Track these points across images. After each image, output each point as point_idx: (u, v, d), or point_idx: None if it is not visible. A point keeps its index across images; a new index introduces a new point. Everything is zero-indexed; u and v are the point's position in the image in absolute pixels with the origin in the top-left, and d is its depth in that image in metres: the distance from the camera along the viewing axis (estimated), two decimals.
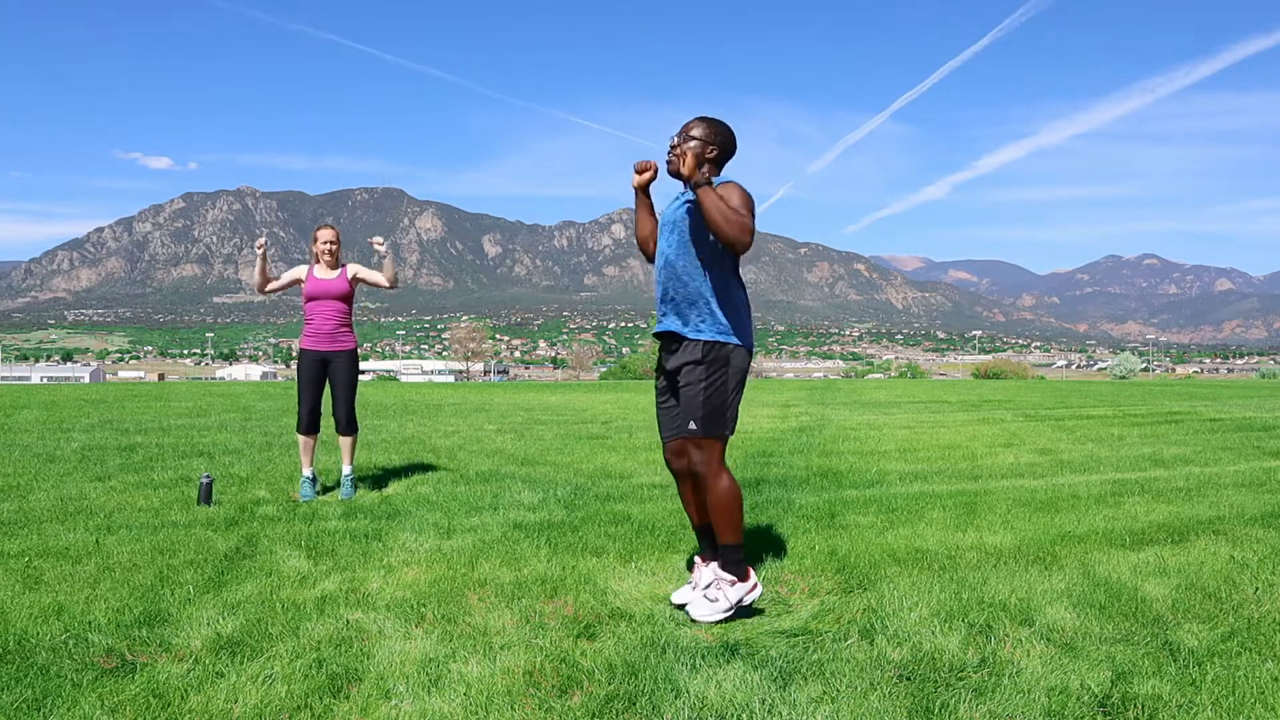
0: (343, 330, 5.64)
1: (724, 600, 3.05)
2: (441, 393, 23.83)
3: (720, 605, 3.05)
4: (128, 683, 2.46)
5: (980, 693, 2.42)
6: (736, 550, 3.11)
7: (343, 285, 5.61)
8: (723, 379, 3.11)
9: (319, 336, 5.57)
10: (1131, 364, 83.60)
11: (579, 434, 10.04)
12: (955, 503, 5.36)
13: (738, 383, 3.15)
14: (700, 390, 3.09)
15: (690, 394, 3.10)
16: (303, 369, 5.59)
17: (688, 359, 3.13)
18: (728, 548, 3.11)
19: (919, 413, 14.54)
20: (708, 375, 3.09)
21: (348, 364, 5.62)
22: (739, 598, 3.07)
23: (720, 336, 3.11)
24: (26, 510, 4.92)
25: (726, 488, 3.11)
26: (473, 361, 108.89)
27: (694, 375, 3.11)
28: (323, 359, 5.58)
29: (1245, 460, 7.69)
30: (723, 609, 3.05)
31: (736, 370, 3.14)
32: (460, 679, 2.50)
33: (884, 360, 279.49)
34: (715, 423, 3.10)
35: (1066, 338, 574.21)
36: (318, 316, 5.57)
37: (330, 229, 5.68)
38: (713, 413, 3.09)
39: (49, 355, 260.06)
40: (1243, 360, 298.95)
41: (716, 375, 3.10)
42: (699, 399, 3.08)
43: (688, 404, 3.11)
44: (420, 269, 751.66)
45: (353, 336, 5.72)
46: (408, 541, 4.21)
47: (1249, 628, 2.95)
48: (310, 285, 5.58)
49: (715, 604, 3.05)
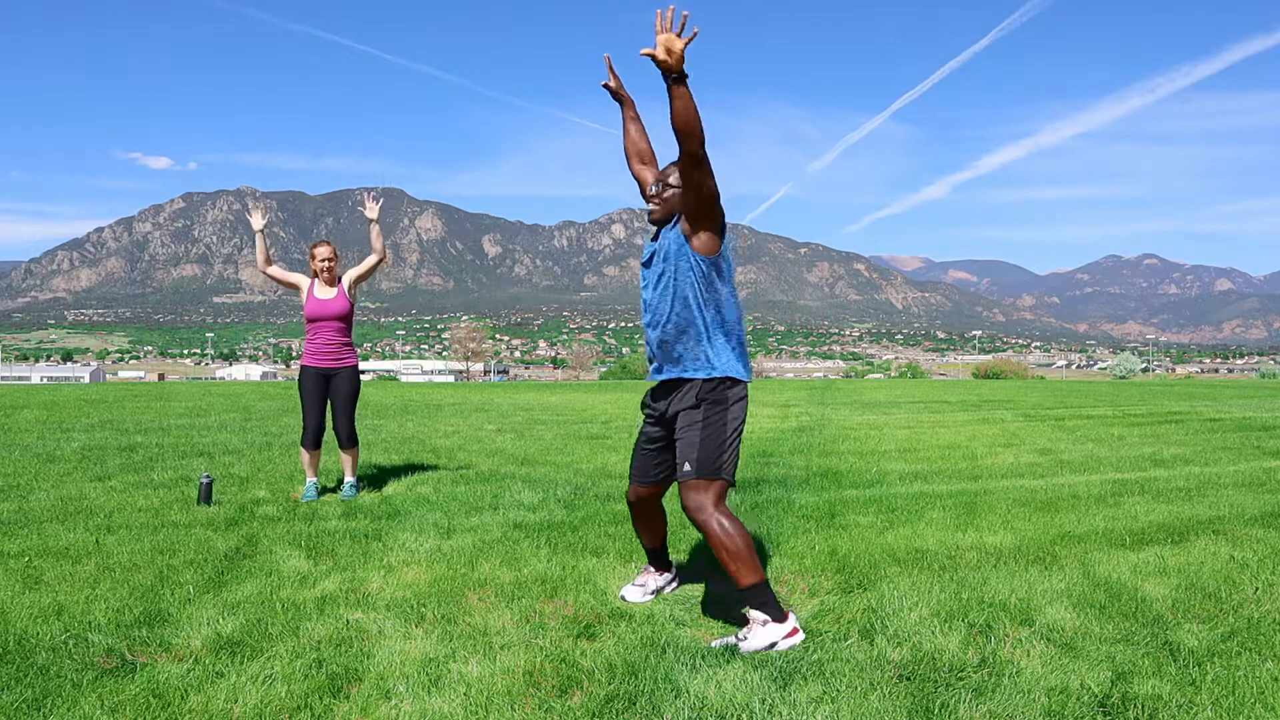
0: (345, 348, 5.68)
1: (757, 640, 2.80)
2: (441, 393, 23.83)
3: (750, 645, 2.79)
4: (128, 683, 2.46)
5: (980, 693, 2.42)
6: (761, 590, 2.86)
7: (343, 305, 5.61)
8: (720, 420, 2.98)
9: (322, 355, 5.60)
10: (1131, 364, 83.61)
11: (579, 434, 10.04)
12: (955, 503, 5.36)
13: (736, 425, 3.01)
14: (697, 431, 2.96)
15: (687, 436, 2.98)
16: (305, 386, 5.60)
17: (684, 405, 3.02)
18: (748, 591, 2.87)
19: (919, 413, 14.54)
20: (704, 416, 2.98)
21: (349, 380, 5.67)
22: (772, 641, 2.79)
23: (716, 374, 3.01)
24: (26, 510, 4.92)
25: (726, 529, 2.87)
26: (473, 361, 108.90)
27: (691, 418, 2.99)
28: (325, 375, 5.62)
29: (1245, 460, 7.69)
30: (753, 649, 2.78)
31: (735, 412, 3.01)
32: (460, 679, 2.50)
33: (884, 360, 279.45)
34: (711, 464, 2.93)
35: (1066, 338, 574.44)
36: (319, 337, 5.60)
37: (327, 245, 5.66)
38: (709, 454, 2.94)
39: (49, 355, 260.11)
40: (1243, 360, 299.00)
41: (714, 416, 2.98)
42: (695, 439, 2.96)
43: (684, 446, 2.97)
44: (420, 269, 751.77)
45: (354, 353, 5.76)
46: (408, 541, 4.21)
47: (1249, 628, 2.95)
48: (310, 306, 5.58)
49: (745, 644, 2.80)
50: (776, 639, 2.79)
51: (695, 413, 3.00)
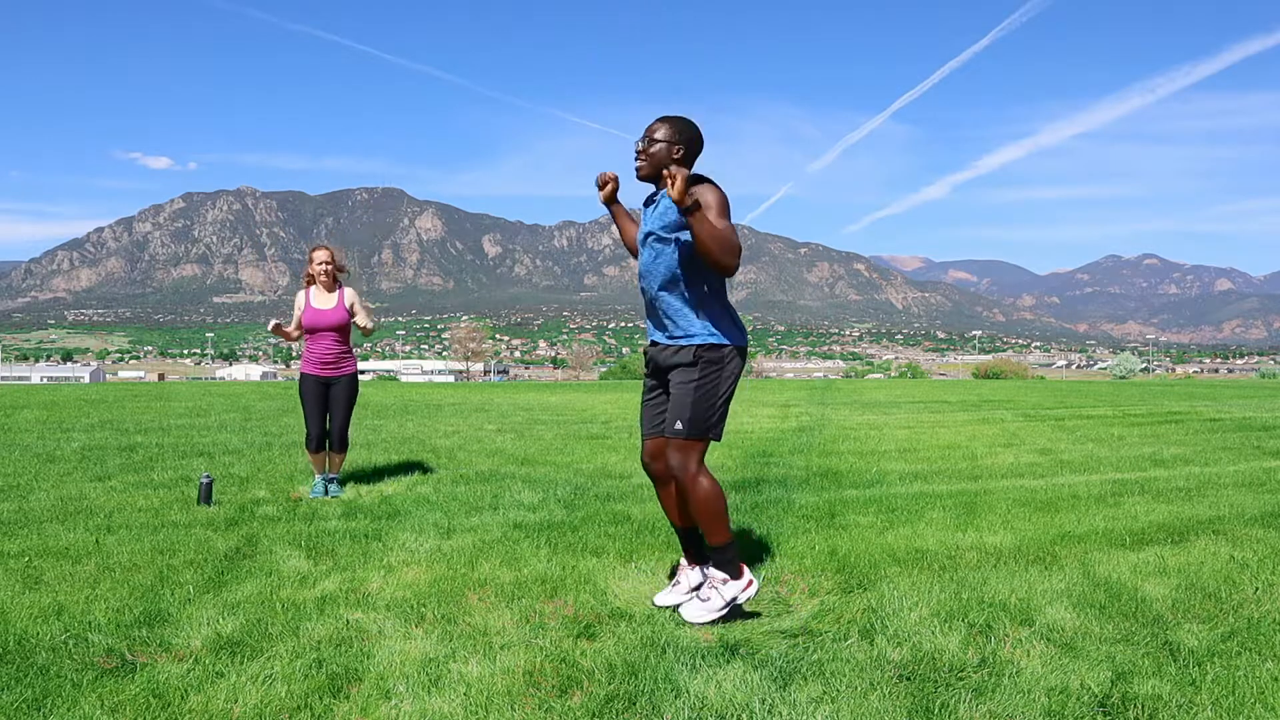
0: (344, 357, 5.66)
1: (717, 598, 3.01)
2: (441, 393, 23.83)
3: (714, 604, 3.01)
4: (128, 683, 2.46)
5: (980, 693, 2.42)
6: (727, 549, 3.04)
7: (340, 315, 5.59)
8: (715, 381, 3.05)
9: (322, 364, 5.60)
10: (1131, 364, 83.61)
11: (579, 434, 10.04)
12: (955, 503, 5.36)
13: (730, 385, 3.09)
14: (690, 390, 3.03)
15: (680, 393, 3.05)
16: (306, 393, 5.60)
17: (681, 361, 3.08)
18: (717, 549, 3.04)
19: (919, 413, 14.55)
20: (700, 376, 3.04)
21: (348, 386, 5.68)
22: (732, 596, 3.01)
23: (712, 339, 3.07)
24: (26, 510, 4.92)
25: (707, 489, 3.02)
26: (473, 361, 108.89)
27: (686, 376, 3.06)
28: (325, 382, 5.62)
29: (1245, 460, 7.69)
30: (716, 608, 3.01)
31: (730, 372, 3.09)
32: (460, 679, 2.50)
33: (884, 360, 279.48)
34: (701, 425, 3.02)
35: (1066, 338, 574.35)
36: (319, 346, 5.58)
37: (325, 249, 5.63)
38: (700, 415, 3.02)
39: (49, 355, 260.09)
40: (1243, 360, 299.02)
41: (709, 377, 3.04)
42: (688, 399, 3.02)
43: (676, 403, 3.05)
44: (420, 269, 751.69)
45: (353, 360, 5.76)
46: (408, 541, 4.21)
47: (1249, 628, 2.95)
48: (308, 316, 5.56)
49: (708, 603, 3.01)
50: (737, 593, 3.01)
51: (691, 370, 3.05)
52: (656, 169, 3.10)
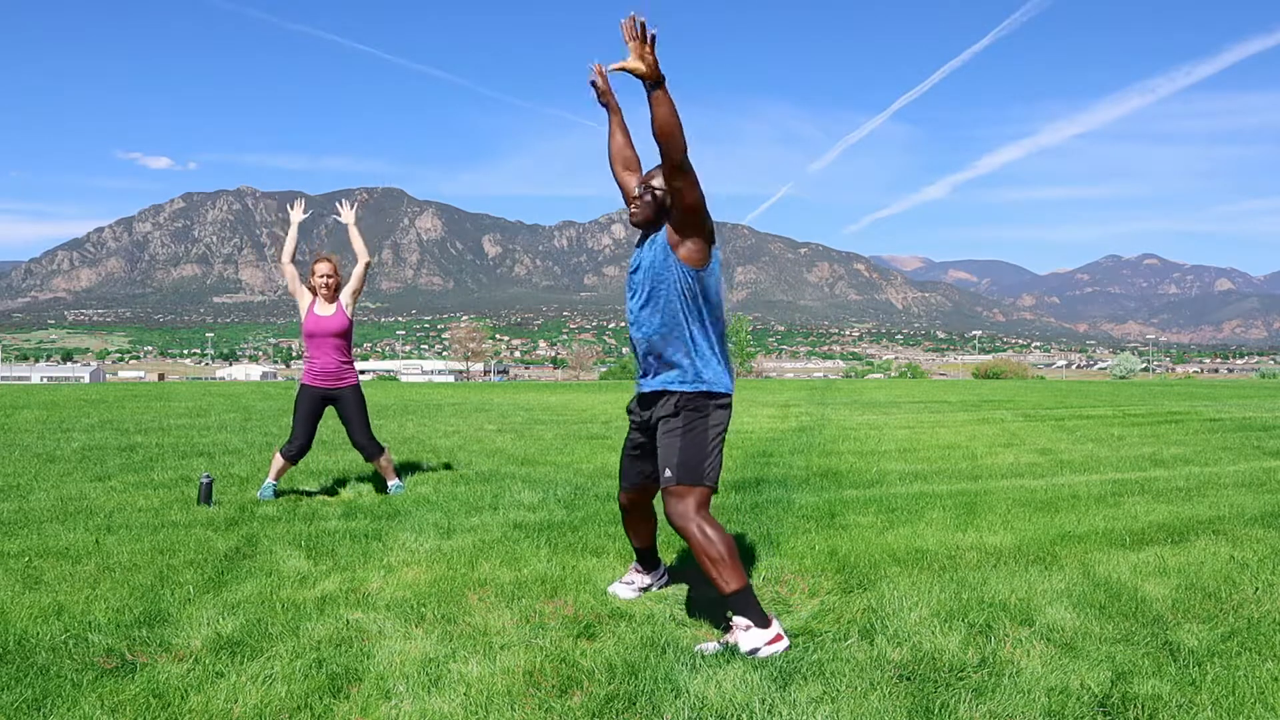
0: (345, 366, 5.60)
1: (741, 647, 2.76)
2: (441, 393, 23.83)
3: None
4: (128, 683, 2.46)
5: (980, 693, 2.42)
6: (744, 595, 2.82)
7: (341, 322, 5.55)
8: (701, 426, 2.98)
9: (323, 375, 5.53)
10: (1131, 364, 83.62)
11: (579, 434, 10.04)
12: (955, 503, 5.36)
13: (718, 432, 3.01)
14: (677, 436, 2.97)
15: (667, 442, 2.98)
16: (302, 403, 5.52)
17: (664, 413, 3.03)
18: (733, 597, 2.83)
19: (919, 413, 14.55)
20: (685, 423, 2.98)
21: (353, 398, 5.60)
22: (753, 647, 2.73)
23: (699, 388, 3.00)
24: (26, 510, 4.92)
25: (710, 539, 2.84)
26: (473, 361, 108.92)
27: (670, 425, 3.00)
28: (325, 395, 5.56)
29: (1245, 460, 7.69)
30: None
31: (716, 420, 3.01)
32: (460, 679, 2.50)
33: (884, 360, 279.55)
34: (693, 470, 2.92)
35: (1066, 338, 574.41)
36: (319, 356, 5.52)
37: (327, 261, 5.59)
38: (689, 459, 2.93)
39: (49, 355, 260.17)
40: (1243, 360, 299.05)
41: (694, 423, 2.98)
42: (675, 444, 2.96)
43: (664, 453, 2.98)
44: (420, 269, 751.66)
45: (354, 372, 5.70)
46: (408, 541, 4.21)
47: (1249, 628, 2.95)
48: (309, 323, 5.52)
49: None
50: (759, 644, 2.74)
51: (675, 420, 3.00)
52: (651, 217, 3.06)
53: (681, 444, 2.95)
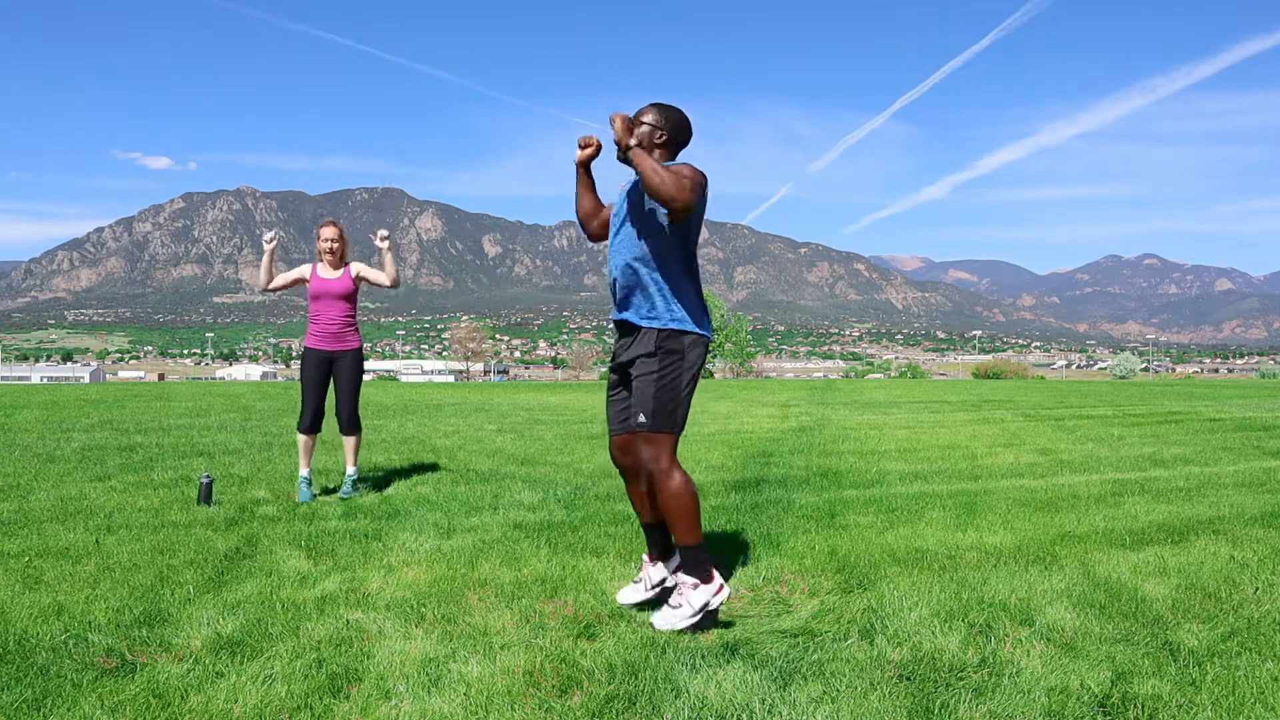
0: (348, 329, 5.61)
1: (688, 606, 2.94)
2: (441, 393, 23.82)
3: (685, 611, 2.94)
4: (128, 683, 2.46)
5: (980, 693, 2.42)
6: (697, 551, 2.99)
7: (346, 284, 5.58)
8: (676, 371, 3.02)
9: (324, 336, 5.55)
10: (1131, 364, 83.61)
11: (579, 434, 10.04)
12: (955, 503, 5.36)
13: (691, 376, 3.06)
14: (652, 382, 3.00)
15: (642, 385, 3.01)
16: (307, 368, 5.55)
17: (641, 351, 3.05)
18: (687, 549, 2.99)
19: (919, 413, 14.54)
20: (660, 367, 3.01)
21: (352, 363, 5.60)
22: (704, 602, 2.94)
23: (674, 325, 3.04)
24: (26, 510, 4.92)
25: (680, 485, 2.99)
26: (473, 361, 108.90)
27: (647, 367, 3.02)
28: (328, 358, 5.56)
29: (1245, 460, 7.69)
30: (688, 615, 2.94)
31: (691, 363, 3.05)
32: (460, 679, 2.50)
33: (884, 360, 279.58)
34: (666, 416, 3.00)
35: (1066, 338, 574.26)
36: (322, 316, 5.55)
37: (333, 225, 5.66)
38: (663, 406, 2.99)
39: (49, 355, 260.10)
40: (1243, 360, 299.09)
41: (670, 367, 3.02)
42: (650, 390, 2.99)
43: (639, 396, 3.02)
44: (420, 269, 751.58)
45: (358, 335, 5.69)
46: (408, 541, 4.21)
47: (1249, 628, 2.95)
48: (314, 284, 5.55)
49: (679, 610, 2.95)
50: (708, 598, 2.94)
51: (651, 361, 3.02)
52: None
53: (656, 389, 3.00)
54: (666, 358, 3.02)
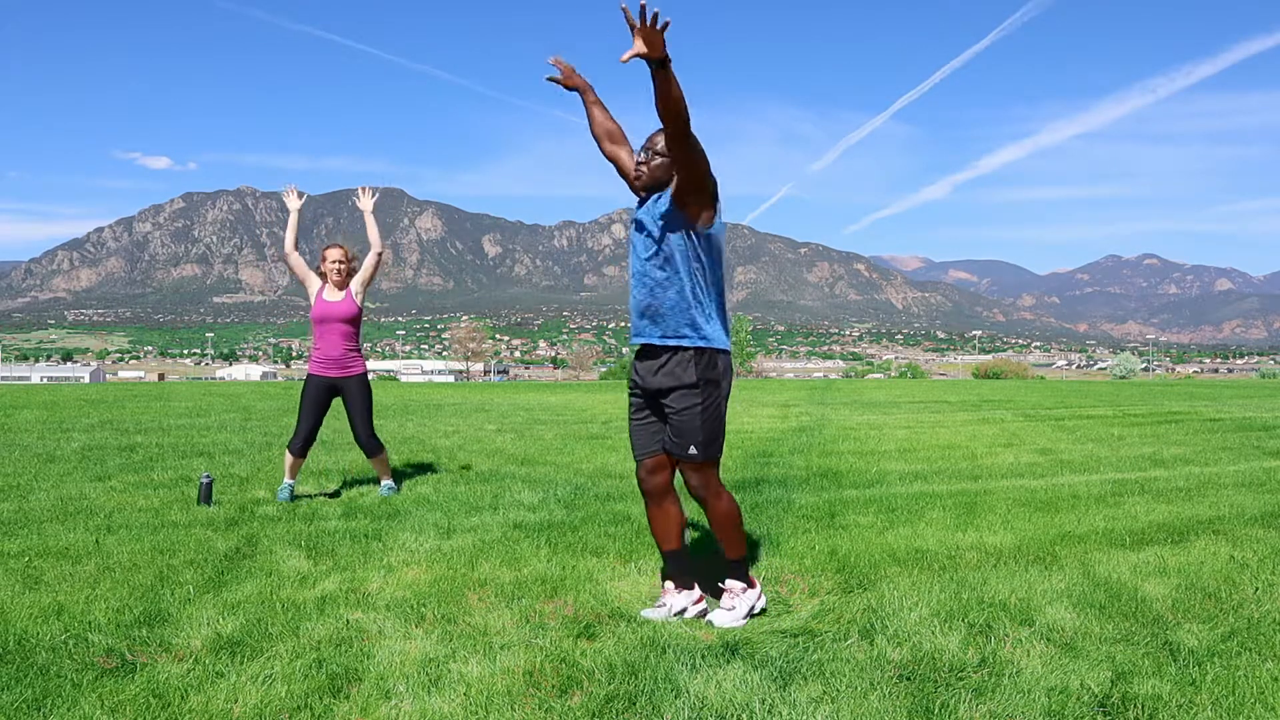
0: (352, 355, 5.53)
1: (742, 606, 3.15)
2: (441, 393, 23.83)
3: (739, 612, 3.13)
4: (128, 683, 2.46)
5: (980, 693, 2.42)
6: (745, 562, 3.21)
7: (350, 308, 5.49)
8: (717, 399, 3.06)
9: (328, 363, 5.48)
10: (1131, 364, 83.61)
11: (579, 434, 10.04)
12: (955, 503, 5.36)
13: (726, 399, 3.14)
14: (698, 414, 3.02)
15: (688, 419, 3.03)
16: (308, 392, 5.48)
17: (682, 382, 3.02)
18: (736, 562, 3.18)
19: (919, 413, 14.54)
20: (704, 399, 3.03)
21: (360, 388, 5.55)
22: (751, 604, 3.17)
23: (704, 343, 3.02)
24: (26, 510, 4.92)
25: (730, 505, 3.16)
26: (473, 361, 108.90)
27: (690, 400, 3.02)
28: (331, 385, 5.50)
29: (1245, 460, 7.69)
30: (741, 615, 3.12)
31: (727, 386, 3.12)
32: (460, 679, 2.50)
33: (884, 360, 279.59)
34: (714, 445, 3.08)
35: (1066, 338, 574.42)
36: (325, 341, 5.47)
37: (340, 248, 5.55)
38: (711, 436, 3.06)
39: (49, 355, 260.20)
40: (1243, 360, 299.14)
41: (712, 397, 3.04)
42: (696, 423, 3.03)
43: (686, 429, 3.04)
44: (420, 269, 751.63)
45: (361, 360, 5.63)
46: (408, 541, 4.21)
47: (1249, 628, 2.95)
48: (318, 308, 5.47)
49: (734, 612, 3.12)
50: (753, 601, 3.18)
51: (694, 394, 3.03)
52: (655, 182, 3.08)
53: (702, 421, 3.05)
54: (708, 388, 3.04)
